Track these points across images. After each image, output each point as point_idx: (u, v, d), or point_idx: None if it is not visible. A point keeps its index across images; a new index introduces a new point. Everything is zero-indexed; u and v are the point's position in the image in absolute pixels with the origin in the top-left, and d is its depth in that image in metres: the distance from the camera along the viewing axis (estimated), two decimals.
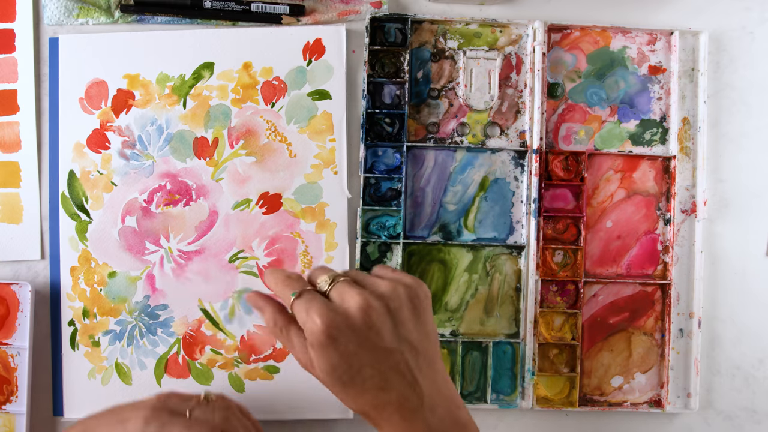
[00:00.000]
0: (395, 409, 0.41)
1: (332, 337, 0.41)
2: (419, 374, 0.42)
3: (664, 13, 0.58)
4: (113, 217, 0.56)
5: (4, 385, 0.54)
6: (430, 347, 0.44)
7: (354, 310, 0.41)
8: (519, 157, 0.57)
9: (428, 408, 0.42)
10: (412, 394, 0.41)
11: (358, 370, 0.41)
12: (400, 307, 0.43)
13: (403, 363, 0.42)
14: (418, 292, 0.44)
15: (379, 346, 0.41)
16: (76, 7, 0.56)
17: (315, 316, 0.41)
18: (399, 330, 0.42)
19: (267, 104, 0.56)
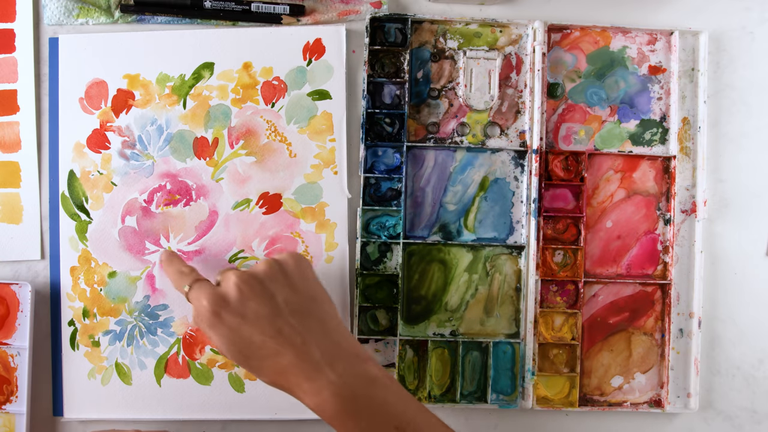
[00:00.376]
0: (296, 371, 0.44)
1: (217, 315, 0.45)
2: (309, 335, 0.45)
3: (664, 13, 0.58)
4: (113, 217, 0.56)
5: (4, 385, 0.54)
6: (317, 307, 0.47)
7: (231, 288, 0.46)
8: (519, 157, 0.57)
9: (327, 364, 0.44)
10: (307, 352, 0.44)
11: (249, 342, 0.45)
12: (273, 278, 0.47)
13: (287, 327, 0.45)
14: (288, 262, 0.48)
15: (259, 314, 0.45)
16: (76, 7, 0.56)
17: (203, 299, 0.46)
18: (276, 299, 0.46)
19: (267, 104, 0.56)
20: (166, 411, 0.56)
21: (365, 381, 0.44)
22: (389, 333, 0.56)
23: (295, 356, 0.44)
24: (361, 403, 0.44)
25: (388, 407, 0.44)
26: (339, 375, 0.44)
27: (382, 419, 0.43)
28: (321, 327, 0.46)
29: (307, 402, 0.44)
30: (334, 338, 0.46)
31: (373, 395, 0.44)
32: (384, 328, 0.56)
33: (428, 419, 0.45)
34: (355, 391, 0.44)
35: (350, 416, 0.43)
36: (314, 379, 0.44)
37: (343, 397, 0.43)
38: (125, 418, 0.56)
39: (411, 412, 0.44)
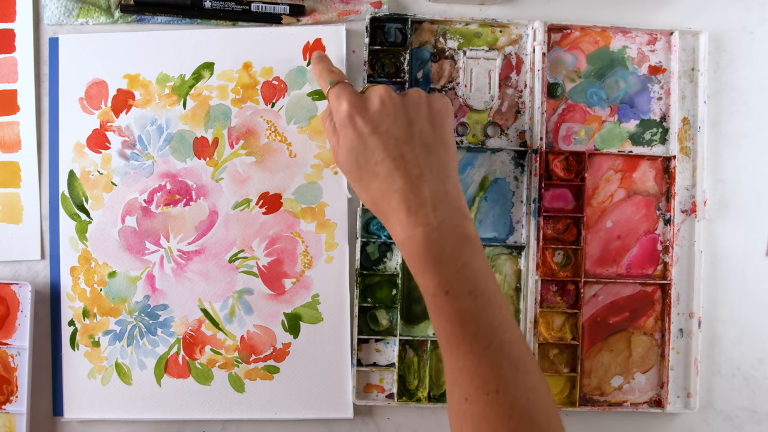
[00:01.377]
0: (401, 198, 0.44)
1: (352, 118, 0.46)
2: (428, 171, 0.45)
3: (664, 13, 0.58)
4: (113, 217, 0.56)
5: (4, 385, 0.54)
6: (443, 153, 0.47)
7: (375, 98, 0.46)
8: (519, 157, 0.57)
9: (431, 205, 0.44)
10: (418, 186, 0.44)
11: (370, 154, 0.45)
12: (418, 107, 0.47)
13: (412, 155, 0.45)
14: (435, 101, 0.48)
15: (391, 133, 0.46)
16: (76, 7, 0.56)
17: (343, 100, 0.47)
18: (413, 126, 0.46)
19: (267, 104, 0.56)
20: (166, 411, 0.56)
21: (459, 236, 0.44)
22: (389, 333, 0.56)
23: (407, 185, 0.44)
24: (447, 254, 0.44)
25: (470, 270, 0.44)
26: (438, 219, 0.44)
27: (461, 277, 0.43)
28: (440, 170, 0.46)
29: (396, 233, 0.45)
30: (446, 186, 0.46)
31: (461, 252, 0.44)
32: (384, 328, 0.56)
33: (498, 299, 0.44)
34: (446, 240, 0.44)
35: (432, 262, 0.43)
36: (414, 213, 0.44)
37: (433, 240, 0.43)
38: (125, 418, 0.56)
39: (488, 285, 0.44)
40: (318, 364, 0.56)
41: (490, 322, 0.43)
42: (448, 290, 0.43)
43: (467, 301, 0.43)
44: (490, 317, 0.43)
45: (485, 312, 0.43)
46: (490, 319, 0.43)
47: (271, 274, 0.56)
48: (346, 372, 0.56)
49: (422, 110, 0.47)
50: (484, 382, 0.42)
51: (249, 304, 0.56)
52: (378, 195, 0.45)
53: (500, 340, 0.43)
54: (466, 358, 0.43)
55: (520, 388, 0.42)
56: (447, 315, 0.44)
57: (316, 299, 0.56)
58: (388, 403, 0.56)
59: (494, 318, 0.43)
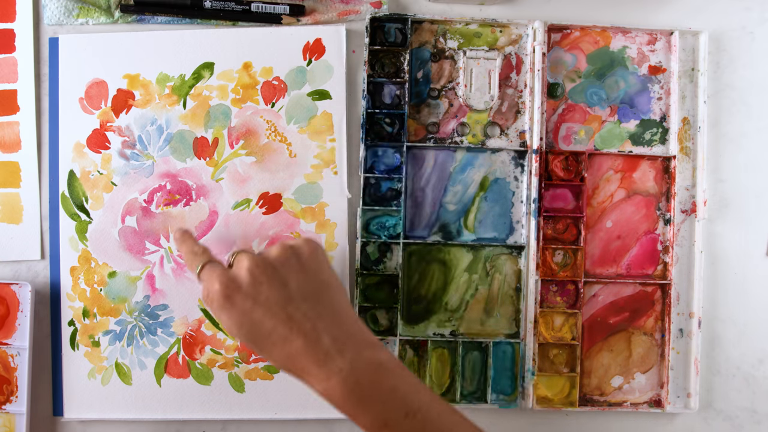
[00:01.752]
0: (306, 357, 0.44)
1: (228, 297, 0.45)
2: (319, 321, 0.45)
3: (664, 13, 0.58)
4: (113, 217, 0.56)
5: (4, 385, 0.54)
6: (329, 295, 0.47)
7: (243, 270, 0.46)
8: (519, 157, 0.57)
9: (336, 351, 0.44)
10: (316, 340, 0.44)
11: (259, 326, 0.45)
12: (287, 263, 0.47)
13: (298, 313, 0.45)
14: (303, 248, 0.48)
15: (270, 299, 0.45)
16: (76, 7, 0.56)
17: (214, 281, 0.46)
18: (289, 285, 0.46)
19: (267, 104, 0.56)
20: (166, 411, 0.56)
21: (374, 368, 0.44)
22: (389, 333, 0.56)
23: (305, 342, 0.44)
24: (370, 390, 0.43)
25: (397, 393, 0.44)
26: (348, 362, 0.44)
27: (391, 406, 0.43)
28: (332, 314, 0.46)
29: (316, 388, 0.44)
30: (344, 326, 0.46)
31: (382, 382, 0.44)
32: (384, 328, 0.56)
33: (438, 405, 0.44)
34: (363, 377, 0.43)
35: (359, 403, 0.43)
36: (323, 366, 0.44)
37: (351, 384, 0.43)
38: (125, 418, 0.56)
39: (421, 398, 0.44)
40: None
41: (438, 427, 0.43)
42: (385, 422, 0.43)
43: (407, 423, 0.43)
44: (435, 427, 0.43)
45: (428, 425, 0.43)
46: (437, 428, 0.43)
47: None
48: None
49: (293, 264, 0.47)
50: None
51: None
52: (283, 359, 0.45)
53: None
54: None
55: None
56: None
57: None
58: None
59: (439, 426, 0.43)
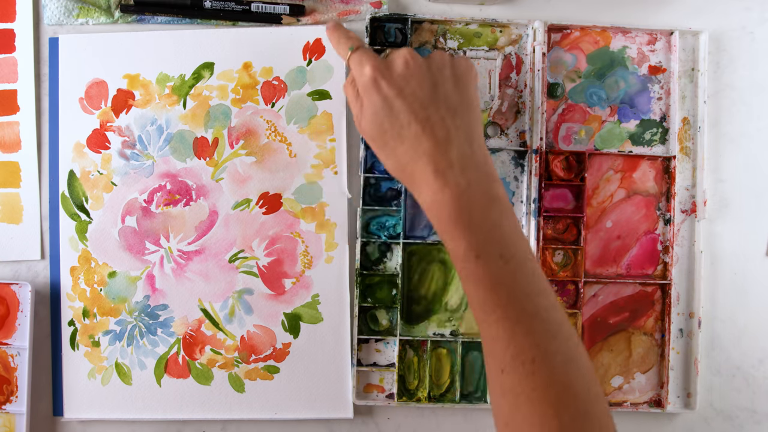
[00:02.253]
0: (428, 160, 0.43)
1: (376, 82, 0.45)
2: (455, 133, 0.44)
3: (664, 13, 0.58)
4: (113, 217, 0.56)
5: (4, 385, 0.54)
6: (469, 115, 0.46)
7: (399, 61, 0.46)
8: (519, 157, 0.57)
9: (459, 167, 0.43)
10: (446, 148, 0.44)
11: (395, 117, 0.44)
12: (442, 69, 0.46)
13: (438, 117, 0.44)
14: (460, 63, 0.47)
15: (417, 96, 0.45)
16: (76, 7, 0.56)
17: (366, 64, 0.46)
18: (438, 89, 0.45)
19: (267, 104, 0.56)
20: (166, 411, 0.56)
21: (489, 198, 0.43)
22: (389, 333, 0.56)
23: (434, 147, 0.43)
24: (477, 217, 0.42)
25: (501, 231, 0.42)
26: (467, 181, 0.43)
27: (491, 240, 0.42)
28: (467, 132, 0.45)
29: (424, 197, 0.44)
30: (473, 147, 0.45)
31: (491, 214, 0.42)
32: (384, 328, 0.56)
33: (532, 263, 0.42)
34: (476, 202, 0.42)
35: (462, 225, 0.42)
36: (442, 176, 0.43)
37: (463, 202, 0.42)
38: (125, 418, 0.56)
39: (519, 247, 0.42)
40: (318, 364, 0.56)
41: (524, 287, 0.41)
42: (478, 254, 0.42)
43: (498, 264, 0.41)
44: (524, 282, 0.41)
45: (518, 276, 0.41)
46: (524, 284, 0.41)
47: (271, 274, 0.56)
48: (346, 372, 0.56)
49: (446, 72, 0.47)
50: (520, 352, 0.40)
51: (249, 304, 0.56)
52: (405, 159, 0.45)
53: (534, 305, 0.41)
54: (500, 325, 0.41)
55: (558, 358, 0.40)
56: (478, 280, 0.42)
57: (316, 299, 0.56)
58: (388, 403, 0.56)
59: (528, 283, 0.41)
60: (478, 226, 0.42)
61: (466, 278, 0.43)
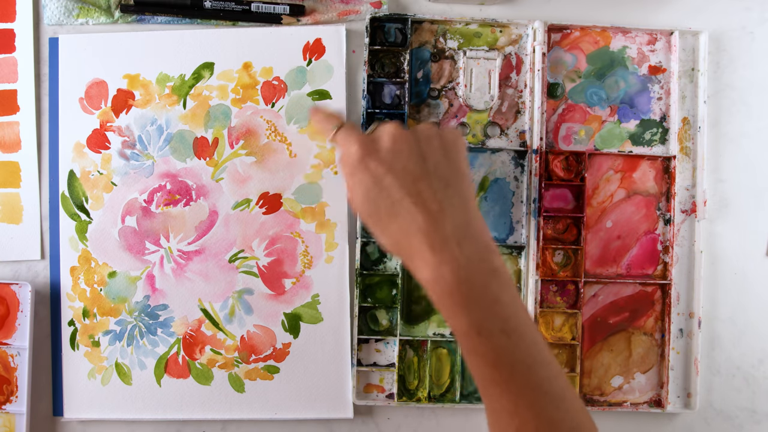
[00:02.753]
0: (423, 238, 0.43)
1: (364, 160, 0.44)
2: (448, 205, 0.43)
3: (664, 13, 0.58)
4: (113, 217, 0.56)
5: (4, 385, 0.54)
6: (461, 185, 0.45)
7: (385, 137, 0.45)
8: (519, 157, 0.57)
9: (456, 241, 0.42)
10: (440, 222, 0.43)
11: (386, 193, 0.44)
12: (430, 141, 0.46)
13: (430, 191, 0.44)
14: (446, 134, 0.47)
15: (407, 170, 0.44)
16: (76, 7, 0.56)
17: (352, 143, 0.45)
18: (428, 161, 0.45)
19: (267, 104, 0.56)
20: (166, 411, 0.56)
21: (487, 271, 0.42)
22: (389, 333, 0.56)
23: (427, 221, 0.43)
24: (476, 291, 0.42)
25: (499, 306, 0.42)
26: (465, 255, 0.42)
27: (492, 316, 0.41)
28: (460, 203, 0.44)
29: (422, 274, 0.43)
30: (469, 218, 0.44)
31: (490, 288, 0.42)
32: (384, 328, 0.56)
33: (534, 333, 0.42)
34: (475, 277, 0.42)
35: (461, 300, 0.41)
36: (439, 252, 0.42)
37: (461, 278, 0.41)
38: (125, 418, 0.56)
39: (520, 319, 0.42)
40: (318, 364, 0.56)
41: (525, 359, 0.41)
42: (479, 330, 0.41)
43: (500, 339, 0.41)
44: (525, 354, 0.41)
45: (519, 349, 0.41)
46: (525, 356, 0.41)
47: (271, 274, 0.56)
48: (346, 372, 0.56)
49: (435, 144, 0.46)
50: (523, 424, 0.40)
51: (249, 304, 0.56)
52: (399, 236, 0.44)
53: (537, 377, 0.41)
54: (503, 398, 0.41)
55: (563, 427, 0.40)
56: (481, 355, 0.42)
57: (316, 299, 0.56)
58: (388, 403, 0.56)
59: (529, 355, 0.41)
60: (478, 301, 0.42)
61: (468, 353, 0.43)
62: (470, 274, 0.42)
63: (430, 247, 0.42)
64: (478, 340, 0.42)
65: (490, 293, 0.42)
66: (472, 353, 0.42)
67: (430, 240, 0.42)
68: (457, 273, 0.42)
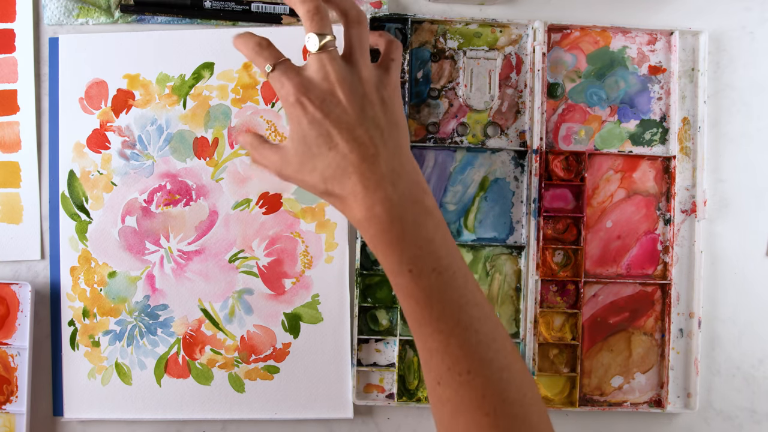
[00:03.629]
0: (357, 177, 0.42)
1: (301, 102, 0.44)
2: (383, 149, 0.43)
3: (664, 13, 0.58)
4: (113, 217, 0.56)
5: (4, 385, 0.54)
6: (396, 132, 0.45)
7: (324, 81, 0.44)
8: (519, 157, 0.57)
9: (389, 181, 0.42)
10: (374, 164, 0.43)
11: (325, 136, 0.43)
12: (369, 90, 0.45)
13: (365, 134, 0.43)
14: (386, 82, 0.46)
15: (341, 120, 0.43)
16: (76, 7, 0.56)
17: (288, 84, 0.44)
18: (365, 111, 0.44)
19: (267, 104, 0.56)
20: (166, 411, 0.56)
21: (421, 210, 0.43)
22: (389, 333, 0.56)
23: (363, 164, 0.43)
24: (409, 230, 0.42)
25: (432, 245, 0.42)
26: (399, 194, 0.42)
27: (424, 254, 0.42)
28: (395, 148, 0.44)
29: (354, 213, 0.43)
30: (402, 161, 0.44)
31: (423, 227, 0.42)
32: (384, 328, 0.56)
33: (465, 272, 0.43)
34: (408, 215, 0.42)
35: (393, 239, 0.42)
36: (372, 191, 0.42)
37: (395, 216, 0.42)
38: (125, 418, 0.56)
39: (452, 259, 0.42)
40: (318, 364, 0.56)
41: (457, 299, 0.41)
42: (411, 268, 0.42)
43: (431, 278, 0.41)
44: (457, 294, 0.42)
45: (450, 288, 0.42)
46: (457, 296, 0.42)
47: (271, 274, 0.56)
48: (346, 372, 0.56)
49: (372, 93, 0.45)
50: (455, 363, 0.41)
51: (249, 304, 0.56)
52: (331, 174, 0.43)
53: (468, 317, 0.41)
54: (434, 338, 0.41)
55: (493, 367, 0.41)
56: (412, 295, 0.42)
57: (316, 299, 0.56)
58: (388, 403, 0.56)
59: (461, 295, 0.42)
60: (411, 240, 0.42)
61: (401, 292, 0.43)
62: (403, 212, 0.42)
63: (364, 187, 0.42)
64: (409, 277, 0.42)
65: (423, 232, 0.42)
66: (405, 292, 0.42)
67: (365, 179, 0.42)
68: (390, 212, 0.42)
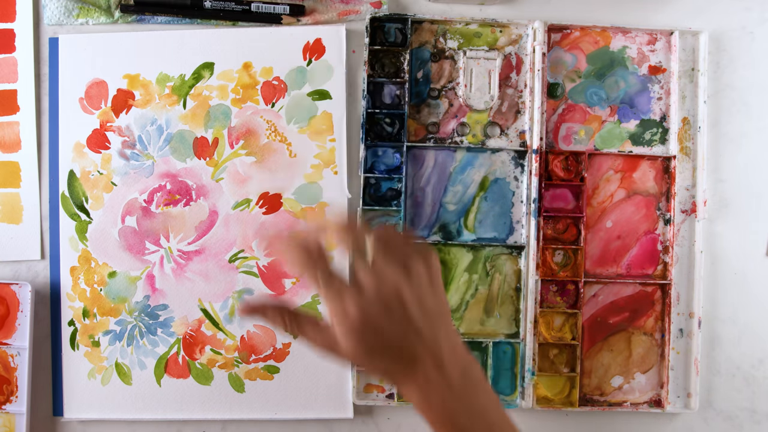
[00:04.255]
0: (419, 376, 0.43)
1: (367, 324, 0.42)
2: (438, 336, 0.43)
3: (664, 13, 0.58)
4: (113, 217, 0.56)
5: (4, 385, 0.54)
6: (446, 314, 0.45)
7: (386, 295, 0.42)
8: (519, 157, 0.57)
9: (446, 369, 0.43)
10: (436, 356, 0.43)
11: (389, 348, 0.42)
12: (420, 282, 0.44)
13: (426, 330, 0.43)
14: (431, 262, 0.45)
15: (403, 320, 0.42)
16: (76, 7, 0.56)
17: (351, 306, 0.42)
18: (423, 304, 0.43)
19: (267, 104, 0.56)
20: (166, 411, 0.56)
21: (474, 385, 0.44)
22: None
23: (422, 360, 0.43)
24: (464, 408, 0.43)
25: (486, 414, 0.43)
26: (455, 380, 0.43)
27: (479, 423, 0.43)
28: (446, 333, 0.44)
29: (411, 397, 0.43)
30: (453, 343, 0.44)
31: (478, 399, 0.43)
32: None
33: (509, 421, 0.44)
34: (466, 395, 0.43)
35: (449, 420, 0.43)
36: (432, 381, 0.43)
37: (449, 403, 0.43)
38: (125, 418, 0.56)
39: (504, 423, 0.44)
40: (318, 364, 0.56)
41: None
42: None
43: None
44: None
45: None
46: None
47: (271, 274, 0.56)
48: (346, 372, 0.56)
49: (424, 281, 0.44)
50: None
51: None
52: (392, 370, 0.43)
53: None
54: None
55: None
56: None
57: (316, 299, 0.56)
58: (388, 403, 0.56)
59: None
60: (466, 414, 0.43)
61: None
62: (458, 396, 0.43)
63: (426, 382, 0.43)
64: None
65: (478, 404, 0.43)
66: None
67: (425, 377, 0.43)
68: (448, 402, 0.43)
